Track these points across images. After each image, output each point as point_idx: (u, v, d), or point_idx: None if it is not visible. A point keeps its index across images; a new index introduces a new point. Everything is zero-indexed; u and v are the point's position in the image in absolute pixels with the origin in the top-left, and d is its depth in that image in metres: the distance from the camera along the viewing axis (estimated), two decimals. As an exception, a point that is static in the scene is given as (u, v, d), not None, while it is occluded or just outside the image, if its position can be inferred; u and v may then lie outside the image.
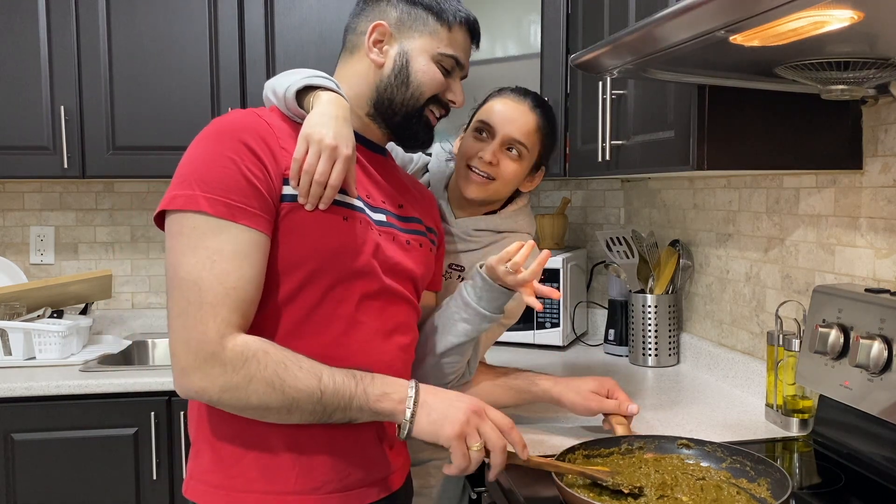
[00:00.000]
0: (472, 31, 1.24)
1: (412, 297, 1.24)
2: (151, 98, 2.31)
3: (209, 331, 0.99)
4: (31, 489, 2.03)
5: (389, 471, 1.19)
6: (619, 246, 2.16)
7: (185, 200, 1.02)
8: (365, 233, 1.13)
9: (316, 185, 1.06)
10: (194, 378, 1.00)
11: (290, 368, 1.01)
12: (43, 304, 2.34)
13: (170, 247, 1.03)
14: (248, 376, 1.00)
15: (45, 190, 2.66)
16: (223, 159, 1.03)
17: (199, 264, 1.00)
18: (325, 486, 1.11)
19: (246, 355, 1.00)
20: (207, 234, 1.01)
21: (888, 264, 1.40)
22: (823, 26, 0.88)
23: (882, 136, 1.41)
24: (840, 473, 1.31)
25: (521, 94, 1.45)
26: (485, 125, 1.42)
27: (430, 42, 1.20)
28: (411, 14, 1.20)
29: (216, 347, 0.99)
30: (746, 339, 1.87)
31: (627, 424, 1.43)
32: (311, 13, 2.35)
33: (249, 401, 1.01)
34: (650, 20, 0.98)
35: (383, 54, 1.20)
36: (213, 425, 1.11)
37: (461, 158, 1.45)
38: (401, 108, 1.21)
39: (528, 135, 1.42)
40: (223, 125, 1.08)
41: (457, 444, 1.04)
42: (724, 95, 1.37)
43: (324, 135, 1.06)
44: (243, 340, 1.01)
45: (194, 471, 1.14)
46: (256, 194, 1.04)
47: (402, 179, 1.32)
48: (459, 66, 1.23)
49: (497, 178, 1.42)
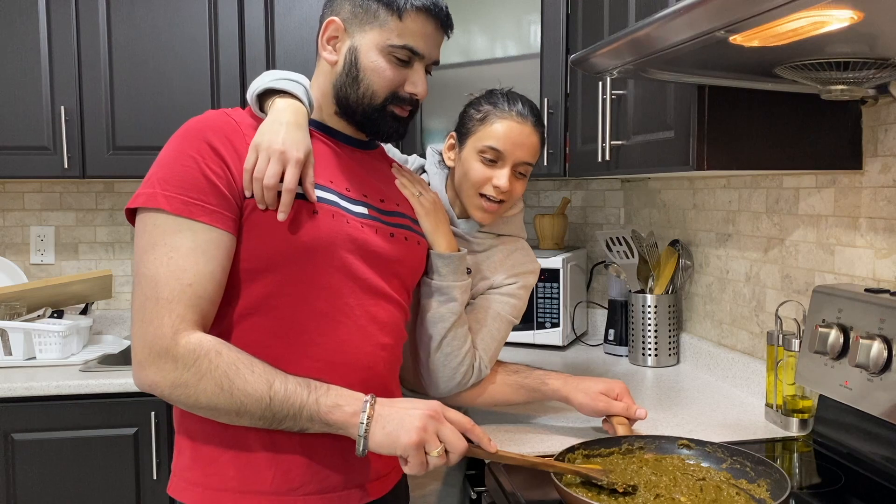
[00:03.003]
0: (434, 14, 1.17)
1: (397, 296, 1.21)
2: (151, 98, 2.32)
3: (164, 326, 1.00)
4: (31, 489, 2.03)
5: (374, 476, 1.18)
6: (619, 246, 2.16)
7: (146, 198, 1.04)
8: (339, 226, 1.12)
9: (267, 190, 1.06)
10: (148, 372, 1.01)
11: (240, 371, 1.01)
12: (43, 304, 2.34)
13: (135, 244, 1.06)
14: (199, 375, 1.00)
15: (45, 190, 2.66)
16: (185, 158, 1.05)
17: (156, 260, 1.02)
18: (302, 488, 1.11)
19: (198, 353, 1.00)
20: (167, 232, 1.03)
21: (888, 264, 1.40)
22: (823, 26, 0.88)
23: (882, 136, 1.41)
24: (840, 473, 1.31)
25: (522, 108, 1.41)
26: (494, 151, 1.38)
27: (379, 35, 1.15)
28: (363, 6, 1.16)
29: (169, 343, 1.00)
30: (746, 339, 1.87)
31: (628, 425, 1.43)
32: (311, 13, 2.35)
33: (199, 399, 1.01)
34: (650, 20, 0.98)
35: (336, 52, 1.19)
36: (192, 423, 1.12)
37: (469, 184, 1.40)
38: (357, 106, 1.19)
39: (535, 153, 1.42)
40: (190, 125, 1.10)
41: (414, 454, 1.01)
42: (724, 95, 1.37)
43: (272, 141, 1.07)
44: (197, 339, 1.01)
45: (176, 468, 1.15)
46: (215, 192, 1.05)
47: (389, 173, 1.32)
48: (417, 55, 1.17)
49: (507, 201, 1.43)
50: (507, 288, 1.49)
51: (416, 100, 1.21)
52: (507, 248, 1.52)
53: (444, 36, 1.22)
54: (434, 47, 1.20)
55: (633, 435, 1.35)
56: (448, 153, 1.47)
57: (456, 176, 1.45)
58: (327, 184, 1.15)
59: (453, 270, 1.36)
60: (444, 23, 1.19)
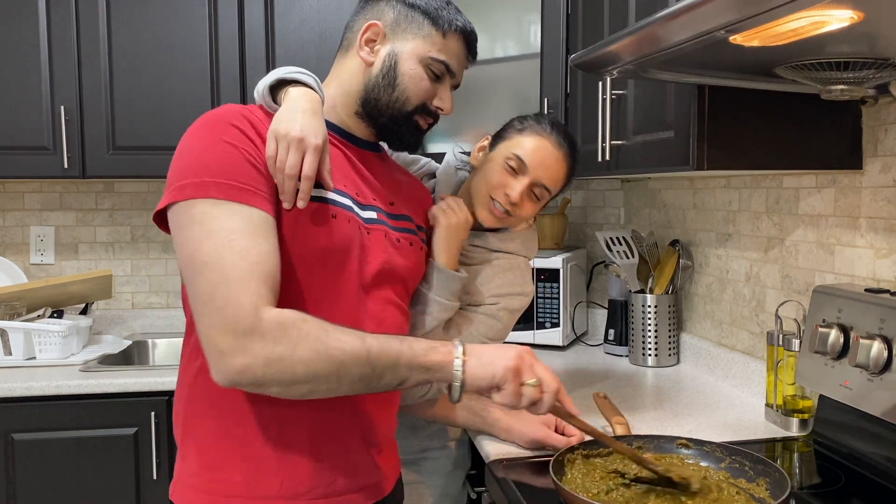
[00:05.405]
0: (468, 41, 1.22)
1: (400, 301, 1.22)
2: (151, 98, 2.32)
3: (243, 305, 0.95)
4: (31, 489, 2.03)
5: (378, 477, 1.18)
6: (619, 246, 2.16)
7: (194, 189, 1.00)
8: (353, 232, 1.13)
9: (288, 179, 1.05)
10: (236, 358, 0.95)
11: (331, 332, 0.99)
12: (43, 304, 2.34)
13: (183, 239, 1.00)
14: (292, 344, 0.96)
15: (45, 190, 2.66)
16: (223, 144, 1.03)
17: (218, 245, 0.98)
18: (310, 493, 1.10)
19: (285, 324, 0.96)
20: (220, 218, 0.99)
21: (888, 264, 1.40)
22: (823, 26, 0.88)
23: (882, 136, 1.42)
24: (840, 473, 1.31)
25: (561, 137, 1.40)
26: (519, 162, 1.37)
27: (422, 45, 1.19)
28: (408, 16, 1.19)
29: (253, 321, 0.95)
30: (746, 339, 1.87)
31: (627, 425, 1.43)
32: (311, 13, 2.35)
33: (296, 371, 0.96)
34: (650, 20, 0.98)
35: (374, 54, 1.20)
36: (199, 428, 1.11)
37: (485, 185, 1.40)
38: (386, 110, 1.20)
39: (557, 182, 1.40)
40: (213, 116, 1.08)
41: (512, 380, 1.03)
42: (724, 95, 1.37)
43: (290, 128, 1.06)
44: (278, 311, 0.97)
45: (180, 474, 1.13)
46: (261, 175, 1.04)
47: (396, 176, 1.32)
48: (450, 73, 1.21)
49: (514, 216, 1.40)
50: (489, 308, 1.44)
51: (438, 115, 1.24)
52: (501, 264, 1.47)
53: (468, 62, 1.26)
54: (461, 70, 1.25)
55: (631, 435, 1.35)
56: (477, 153, 1.46)
57: (476, 176, 1.43)
58: (341, 188, 1.14)
59: (443, 286, 1.34)
60: (472, 49, 1.25)
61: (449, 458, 1.57)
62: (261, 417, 1.08)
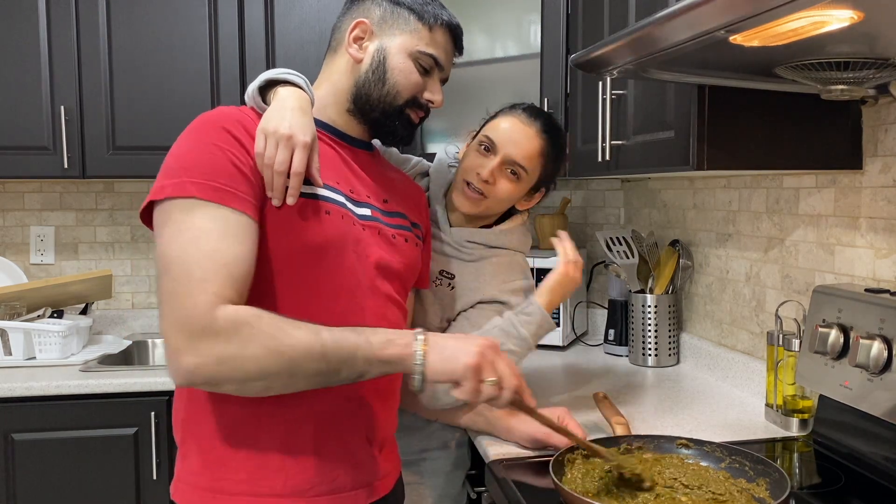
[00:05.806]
0: (454, 35, 1.25)
1: (398, 297, 1.23)
2: (151, 98, 2.32)
3: (199, 305, 0.95)
4: (31, 489, 2.03)
5: (379, 474, 1.18)
6: (619, 246, 2.16)
7: (173, 188, 1.01)
8: (347, 227, 1.13)
9: (277, 176, 1.05)
10: (188, 357, 0.95)
11: (284, 329, 0.98)
12: (43, 304, 2.34)
13: (158, 236, 1.02)
14: (243, 342, 0.95)
15: (45, 190, 2.66)
16: (208, 146, 1.04)
17: (186, 243, 0.98)
18: (313, 489, 1.10)
19: (238, 322, 0.96)
20: (195, 217, 1.00)
21: (888, 264, 1.40)
22: (823, 26, 0.88)
23: (882, 136, 1.41)
24: (840, 473, 1.31)
25: (532, 115, 1.44)
26: (489, 141, 1.42)
27: (409, 40, 1.20)
28: (394, 13, 1.21)
29: (207, 320, 0.95)
30: (746, 339, 1.87)
31: (627, 425, 1.43)
32: (311, 13, 2.35)
33: (248, 370, 0.97)
34: (650, 20, 0.98)
35: (363, 50, 1.21)
36: (202, 427, 1.11)
37: (461, 171, 1.45)
38: (378, 104, 1.21)
39: (530, 159, 1.42)
40: (206, 118, 1.09)
41: (471, 377, 1.01)
42: (724, 95, 1.37)
43: (279, 126, 1.07)
44: (234, 309, 0.97)
45: (182, 472, 1.13)
46: (244, 178, 1.04)
47: (388, 174, 1.32)
48: (439, 66, 1.23)
49: (489, 197, 1.42)
50: (498, 305, 1.47)
51: (429, 108, 1.25)
52: (498, 260, 1.50)
53: (455, 56, 1.28)
54: (449, 63, 1.27)
55: (631, 435, 1.35)
56: (465, 149, 1.50)
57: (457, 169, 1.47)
58: (334, 184, 1.15)
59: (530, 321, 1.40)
60: (458, 43, 1.27)
61: (449, 458, 1.57)
62: (265, 416, 1.09)
